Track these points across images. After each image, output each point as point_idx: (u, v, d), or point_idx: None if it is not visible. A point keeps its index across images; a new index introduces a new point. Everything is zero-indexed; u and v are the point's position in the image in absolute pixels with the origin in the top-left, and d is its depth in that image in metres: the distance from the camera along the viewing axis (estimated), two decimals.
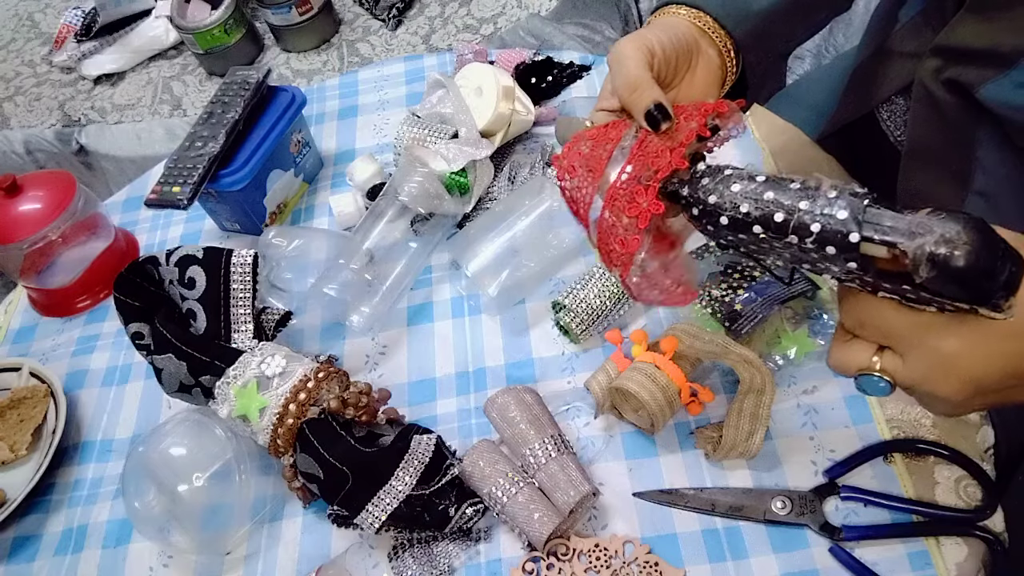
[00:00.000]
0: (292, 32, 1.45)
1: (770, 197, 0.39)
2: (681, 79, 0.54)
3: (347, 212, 0.83)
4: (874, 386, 0.42)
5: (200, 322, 0.66)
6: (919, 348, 0.40)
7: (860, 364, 0.42)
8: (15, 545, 0.69)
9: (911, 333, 0.40)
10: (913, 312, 0.39)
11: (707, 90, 0.55)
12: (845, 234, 0.36)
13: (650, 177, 0.45)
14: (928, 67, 0.64)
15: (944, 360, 0.39)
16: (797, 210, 0.38)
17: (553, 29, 1.37)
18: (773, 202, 0.39)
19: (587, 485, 0.58)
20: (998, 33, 0.58)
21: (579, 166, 0.49)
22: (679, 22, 0.54)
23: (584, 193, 0.49)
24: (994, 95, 0.59)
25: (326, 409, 0.61)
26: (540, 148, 0.87)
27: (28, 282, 0.85)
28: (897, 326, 0.40)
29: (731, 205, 0.41)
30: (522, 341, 0.72)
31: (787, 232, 0.38)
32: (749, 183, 0.40)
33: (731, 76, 0.57)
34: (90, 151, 1.48)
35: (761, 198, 0.39)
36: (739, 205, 0.40)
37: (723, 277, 0.67)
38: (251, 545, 0.64)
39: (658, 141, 0.47)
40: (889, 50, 0.74)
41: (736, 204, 0.40)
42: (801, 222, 0.38)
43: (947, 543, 0.55)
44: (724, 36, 0.55)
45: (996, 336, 0.38)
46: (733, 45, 0.55)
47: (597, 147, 0.48)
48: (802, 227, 0.37)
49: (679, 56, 0.52)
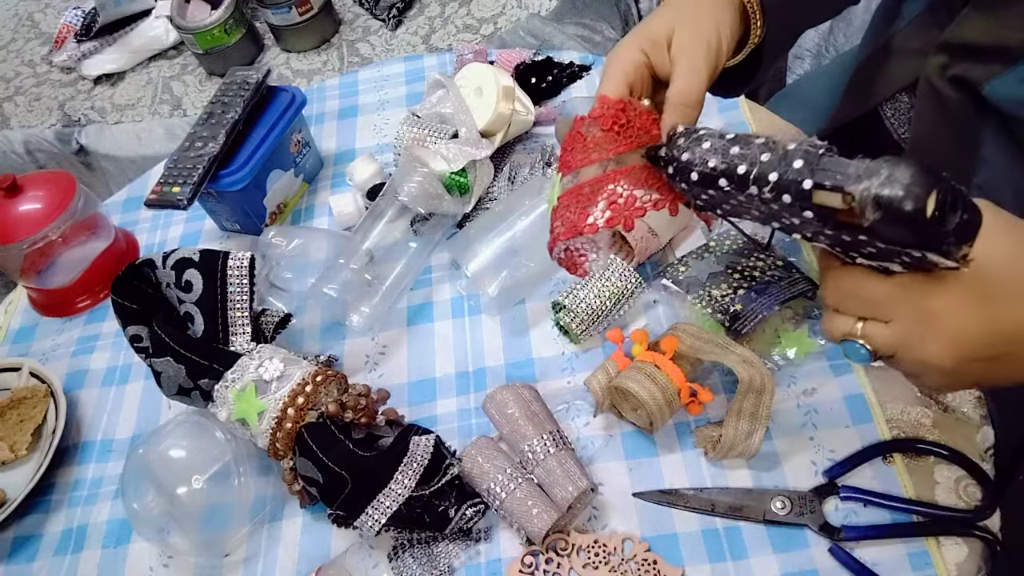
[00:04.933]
0: (292, 32, 1.45)
1: (735, 152, 0.41)
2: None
3: (347, 212, 0.83)
4: (856, 352, 0.43)
5: (198, 325, 0.65)
6: (900, 310, 0.40)
7: (843, 330, 0.43)
8: (15, 545, 0.69)
9: (890, 296, 0.40)
10: (890, 278, 0.40)
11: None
12: (799, 182, 0.37)
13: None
14: (934, 64, 0.64)
15: (925, 318, 0.40)
16: (759, 162, 0.39)
17: (553, 29, 1.37)
18: (737, 156, 0.40)
19: (585, 481, 0.58)
20: (1005, 29, 0.58)
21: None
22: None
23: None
24: (1000, 91, 0.59)
25: (324, 413, 0.61)
26: (540, 148, 0.87)
27: (28, 282, 0.85)
28: (876, 292, 0.41)
29: (700, 161, 0.42)
30: (522, 341, 0.72)
31: (748, 184, 0.39)
32: (718, 140, 0.42)
33: (753, 39, 0.57)
34: (90, 151, 1.48)
35: (727, 152, 0.41)
36: (707, 160, 0.42)
37: (723, 277, 0.67)
38: (251, 545, 0.64)
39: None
40: (893, 48, 0.74)
41: (705, 160, 0.42)
42: (760, 173, 0.39)
43: (947, 543, 0.55)
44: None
45: (976, 296, 0.38)
46: (759, 7, 0.55)
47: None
48: (761, 177, 0.39)
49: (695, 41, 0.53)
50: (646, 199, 0.50)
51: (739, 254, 0.69)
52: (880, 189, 0.34)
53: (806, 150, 0.38)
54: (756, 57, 0.59)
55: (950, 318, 0.39)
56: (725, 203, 0.44)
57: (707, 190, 0.43)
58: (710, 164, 0.42)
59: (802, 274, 0.66)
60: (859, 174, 0.35)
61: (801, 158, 0.37)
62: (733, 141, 0.41)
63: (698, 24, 0.52)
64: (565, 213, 0.53)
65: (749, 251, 0.68)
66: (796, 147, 0.38)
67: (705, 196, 0.44)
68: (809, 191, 0.37)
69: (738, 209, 0.44)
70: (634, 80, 0.52)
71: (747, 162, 0.39)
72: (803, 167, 0.37)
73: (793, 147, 0.38)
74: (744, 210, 0.43)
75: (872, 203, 0.34)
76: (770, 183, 0.38)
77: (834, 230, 0.38)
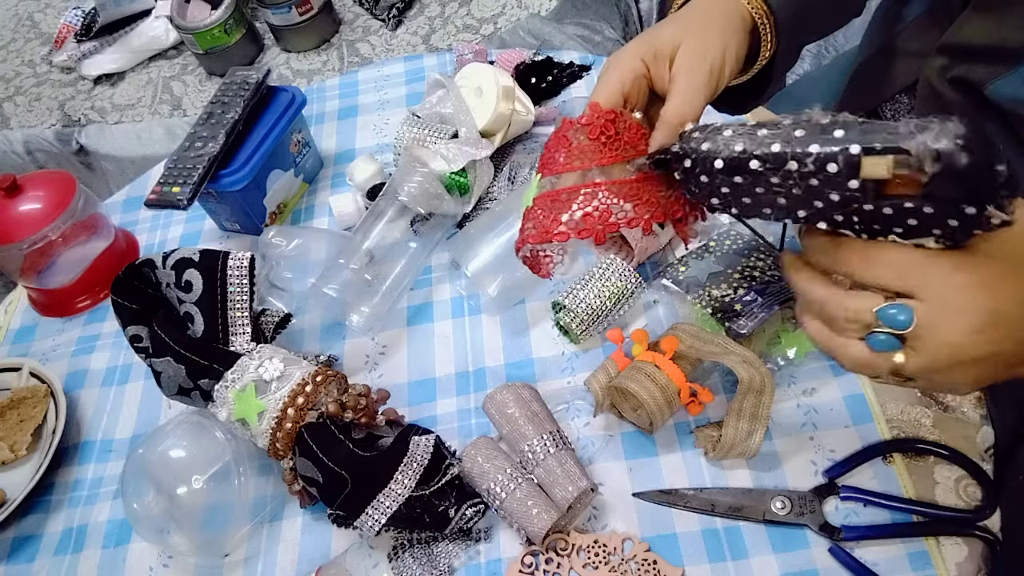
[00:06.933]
0: (292, 32, 1.45)
1: (764, 133, 0.39)
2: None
3: (347, 212, 0.83)
4: (879, 342, 0.40)
5: (198, 325, 0.65)
6: (930, 283, 0.38)
7: (868, 306, 0.39)
8: (15, 545, 0.69)
9: (923, 265, 0.38)
10: (920, 248, 0.38)
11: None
12: (846, 148, 0.36)
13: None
14: (934, 65, 0.64)
15: (962, 291, 0.37)
16: (793, 139, 0.38)
17: (553, 29, 1.37)
18: (768, 135, 0.39)
19: (585, 481, 0.58)
20: (1006, 30, 0.58)
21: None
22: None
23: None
24: (1003, 92, 0.59)
25: (324, 413, 0.61)
26: (540, 148, 0.86)
27: (28, 282, 0.85)
28: (909, 260, 0.38)
29: (725, 147, 0.41)
30: (522, 341, 0.72)
31: (786, 160, 0.38)
32: (740, 127, 0.41)
33: (764, 57, 0.57)
34: (90, 151, 1.48)
35: (755, 135, 0.40)
36: (733, 145, 0.41)
37: (723, 277, 0.67)
38: (251, 545, 0.64)
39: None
40: (894, 49, 0.74)
41: (730, 145, 0.41)
42: (799, 148, 0.38)
43: (947, 543, 0.55)
44: (764, 12, 0.55)
45: (1009, 267, 0.37)
46: (772, 24, 0.55)
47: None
48: (801, 152, 0.38)
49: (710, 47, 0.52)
50: (621, 215, 0.49)
51: (739, 254, 0.69)
52: (936, 142, 0.34)
53: (844, 120, 0.37)
54: (764, 74, 0.59)
55: (984, 291, 0.38)
56: (746, 196, 0.42)
57: (731, 178, 0.41)
58: (737, 148, 0.40)
59: None
60: (911, 131, 0.35)
61: (841, 128, 0.37)
62: (758, 126, 0.40)
63: (705, 43, 0.51)
64: (538, 216, 0.51)
65: (749, 251, 0.68)
66: (831, 120, 0.37)
67: (725, 189, 0.43)
68: (858, 157, 0.36)
69: (760, 200, 0.42)
70: (631, 90, 0.52)
71: (780, 140, 0.38)
72: (847, 135, 0.36)
73: (828, 120, 0.38)
74: (767, 200, 0.41)
75: (931, 157, 0.34)
76: (812, 155, 0.37)
77: (875, 203, 0.37)
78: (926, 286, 0.38)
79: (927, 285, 0.38)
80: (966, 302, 0.38)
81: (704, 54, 0.51)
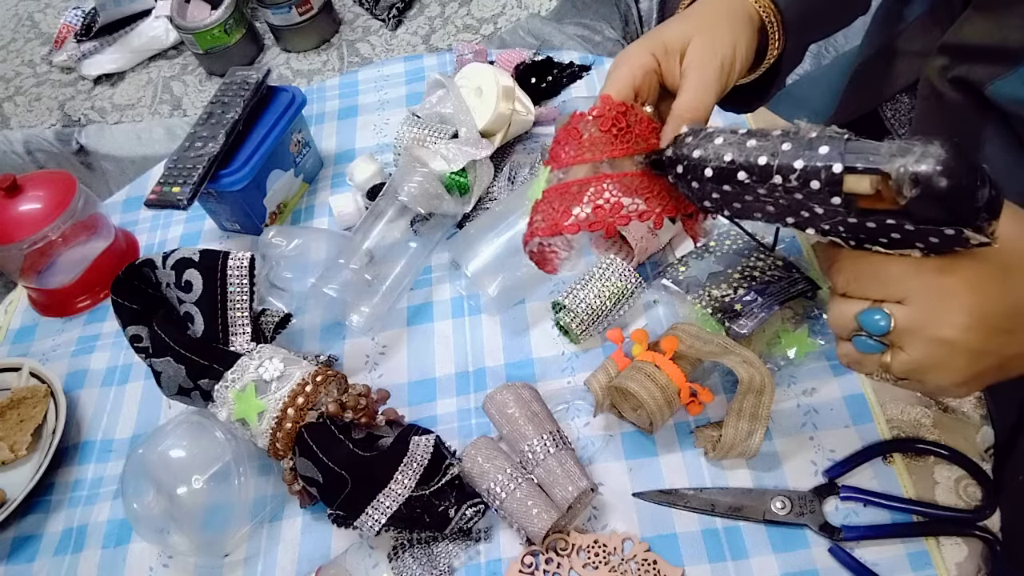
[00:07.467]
0: (292, 32, 1.45)
1: (753, 144, 0.40)
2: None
3: (347, 212, 0.83)
4: (866, 344, 0.41)
5: (198, 325, 0.65)
6: (916, 288, 0.39)
7: (855, 311, 0.41)
8: (15, 545, 0.69)
9: (907, 272, 0.39)
10: (905, 258, 0.39)
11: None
12: (828, 166, 0.37)
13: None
14: (935, 65, 0.64)
15: (943, 294, 0.38)
16: (780, 152, 0.39)
17: (553, 29, 1.37)
18: (756, 147, 0.40)
19: (585, 481, 0.58)
20: (1006, 30, 0.58)
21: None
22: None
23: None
24: (1003, 92, 0.59)
25: (324, 413, 0.61)
26: (540, 148, 0.87)
27: (28, 282, 0.85)
28: (893, 269, 0.40)
29: (715, 156, 0.42)
30: (522, 341, 0.72)
31: (771, 174, 0.39)
32: (731, 135, 0.42)
33: (771, 56, 0.57)
34: (90, 151, 1.48)
35: (744, 145, 0.40)
36: (723, 155, 0.41)
37: (723, 277, 0.67)
38: (251, 545, 0.64)
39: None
40: (894, 49, 0.74)
41: (720, 154, 0.41)
42: (784, 162, 0.38)
43: (947, 543, 0.55)
44: (772, 11, 0.55)
45: (992, 271, 0.38)
46: (780, 23, 0.55)
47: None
48: (785, 166, 0.38)
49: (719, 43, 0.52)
50: (632, 208, 0.49)
51: (739, 254, 0.69)
52: (917, 166, 0.34)
53: (830, 136, 0.37)
54: (770, 73, 0.59)
55: (972, 293, 0.38)
56: (736, 201, 0.43)
57: (721, 187, 0.42)
58: (727, 158, 0.41)
59: (802, 274, 0.66)
60: (893, 153, 0.35)
61: (826, 144, 0.37)
62: (748, 135, 0.41)
63: (715, 40, 0.51)
64: (548, 209, 0.51)
65: (749, 251, 0.69)
66: (819, 135, 0.38)
67: (716, 195, 0.43)
68: (840, 176, 0.36)
69: (750, 207, 0.43)
70: (641, 85, 0.52)
71: (767, 153, 0.39)
72: (831, 152, 0.37)
73: (815, 135, 0.38)
74: (757, 207, 0.42)
75: (910, 180, 0.34)
76: (796, 171, 0.38)
77: (858, 217, 0.38)
78: (911, 291, 0.39)
79: (912, 290, 0.39)
80: (951, 303, 0.38)
81: (715, 50, 0.51)
